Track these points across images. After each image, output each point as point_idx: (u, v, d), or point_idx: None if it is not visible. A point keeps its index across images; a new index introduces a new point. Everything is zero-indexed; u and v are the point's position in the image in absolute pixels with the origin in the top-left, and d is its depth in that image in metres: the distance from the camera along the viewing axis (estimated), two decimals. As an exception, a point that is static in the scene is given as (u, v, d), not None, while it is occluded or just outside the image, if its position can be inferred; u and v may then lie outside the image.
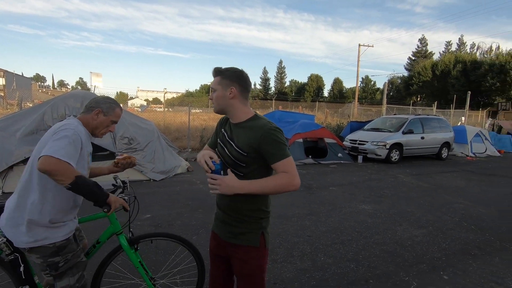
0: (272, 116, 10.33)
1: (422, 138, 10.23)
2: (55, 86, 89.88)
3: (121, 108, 1.86)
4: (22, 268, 1.70)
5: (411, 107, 24.25)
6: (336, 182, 6.75)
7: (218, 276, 1.66)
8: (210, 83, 1.77)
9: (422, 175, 7.91)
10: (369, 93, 56.79)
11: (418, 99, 41.33)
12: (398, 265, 3.13)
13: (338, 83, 59.38)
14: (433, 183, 6.99)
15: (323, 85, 61.50)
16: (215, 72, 1.48)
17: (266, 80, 66.87)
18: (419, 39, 49.25)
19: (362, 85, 56.12)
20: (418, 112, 20.39)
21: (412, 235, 3.91)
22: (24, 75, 45.79)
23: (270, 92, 64.09)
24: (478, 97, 31.56)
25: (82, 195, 1.55)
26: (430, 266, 3.12)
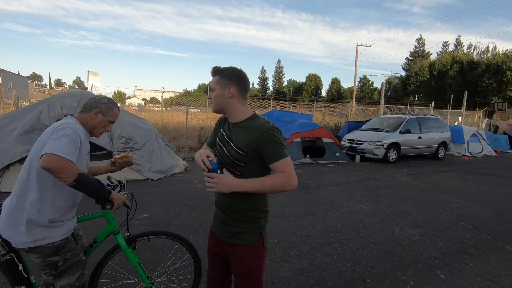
0: (270, 115, 10.35)
1: (420, 138, 10.28)
2: (52, 85, 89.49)
3: (118, 108, 1.87)
4: (21, 267, 1.69)
5: (409, 107, 24.32)
6: (333, 181, 6.77)
7: (216, 275, 1.66)
8: (208, 83, 1.77)
9: (419, 175, 7.95)
10: (367, 93, 56.90)
11: (416, 99, 41.48)
12: (395, 264, 3.14)
13: (336, 83, 59.48)
14: (430, 183, 7.03)
15: (321, 84, 61.61)
16: (214, 71, 1.48)
17: (264, 79, 66.88)
18: (417, 39, 49.50)
19: (360, 85, 56.21)
20: (416, 112, 20.47)
21: (409, 235, 3.93)
22: (20, 74, 45.39)
23: (268, 91, 64.06)
24: (475, 97, 31.73)
25: (85, 193, 1.55)
26: (427, 265, 3.14)
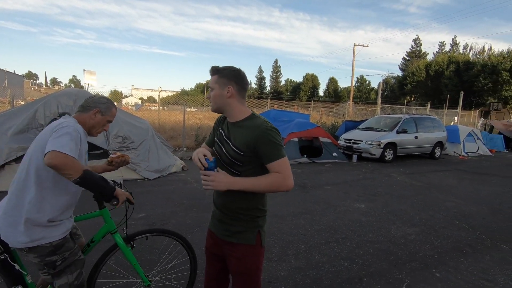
0: (267, 115, 10.35)
1: (416, 137, 10.34)
2: (48, 84, 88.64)
3: (116, 107, 1.89)
4: (17, 266, 1.69)
5: (405, 107, 24.49)
6: (330, 181, 6.79)
7: (214, 274, 1.67)
8: (205, 82, 1.77)
9: (416, 174, 8.00)
10: (363, 92, 57.09)
11: (412, 99, 41.73)
12: (391, 263, 3.16)
13: (333, 83, 59.58)
14: (426, 182, 7.07)
15: (318, 84, 61.75)
16: (213, 71, 1.48)
17: (261, 79, 66.85)
18: (413, 40, 49.77)
19: (357, 84, 56.39)
20: (412, 111, 20.60)
21: (405, 233, 3.95)
22: (16, 73, 45.00)
23: (265, 91, 64.07)
24: (471, 97, 31.97)
25: (90, 189, 1.56)
26: (422, 264, 3.16)
